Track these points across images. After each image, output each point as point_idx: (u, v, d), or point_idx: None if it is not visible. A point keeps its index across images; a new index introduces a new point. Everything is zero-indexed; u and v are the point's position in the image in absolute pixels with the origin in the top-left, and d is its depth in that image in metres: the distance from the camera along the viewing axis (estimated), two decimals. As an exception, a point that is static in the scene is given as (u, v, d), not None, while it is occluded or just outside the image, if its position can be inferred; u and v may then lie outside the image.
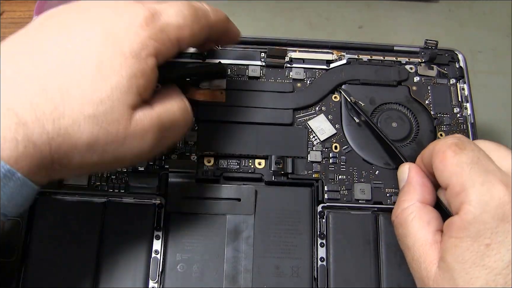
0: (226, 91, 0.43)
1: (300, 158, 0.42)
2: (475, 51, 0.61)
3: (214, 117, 0.42)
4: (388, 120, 0.44)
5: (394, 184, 0.42)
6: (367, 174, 0.42)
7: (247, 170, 0.42)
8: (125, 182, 0.41)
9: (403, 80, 0.45)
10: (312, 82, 0.45)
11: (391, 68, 0.46)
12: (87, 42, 0.30)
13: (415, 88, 0.45)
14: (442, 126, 0.44)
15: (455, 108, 0.45)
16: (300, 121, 0.44)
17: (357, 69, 0.45)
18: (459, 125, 0.44)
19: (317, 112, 0.44)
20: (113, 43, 0.31)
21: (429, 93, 0.45)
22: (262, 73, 0.45)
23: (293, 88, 0.44)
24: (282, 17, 0.62)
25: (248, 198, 0.40)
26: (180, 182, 0.40)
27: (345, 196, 0.41)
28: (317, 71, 0.45)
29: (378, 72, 0.45)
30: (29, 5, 0.61)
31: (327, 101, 0.44)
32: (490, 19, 0.64)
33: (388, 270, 0.39)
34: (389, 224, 0.40)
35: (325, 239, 0.40)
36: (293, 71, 0.45)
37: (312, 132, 0.43)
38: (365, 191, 0.41)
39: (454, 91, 0.46)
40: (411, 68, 0.46)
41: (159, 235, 0.39)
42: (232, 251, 0.39)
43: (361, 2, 0.64)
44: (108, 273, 0.38)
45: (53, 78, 0.29)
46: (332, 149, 0.43)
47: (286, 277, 0.38)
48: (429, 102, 0.45)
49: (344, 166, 0.42)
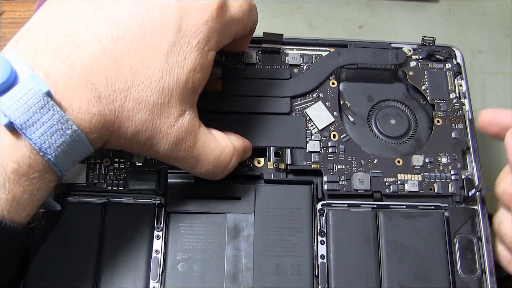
0: (222, 79, 0.43)
1: (299, 148, 0.42)
2: (475, 51, 0.61)
3: (210, 108, 0.41)
4: (387, 117, 0.44)
5: (392, 173, 0.42)
6: (366, 163, 0.42)
7: (247, 169, 0.42)
8: (123, 178, 0.40)
9: (400, 63, 0.45)
10: (309, 67, 0.44)
11: (388, 50, 0.45)
12: (163, 27, 0.30)
13: (411, 73, 0.45)
14: (439, 112, 0.44)
15: (451, 94, 0.45)
16: (297, 109, 0.43)
17: (354, 53, 0.45)
18: (455, 111, 0.44)
19: (315, 99, 0.44)
20: (185, 32, 0.31)
21: (425, 78, 0.45)
22: (258, 59, 0.44)
23: (290, 74, 0.44)
24: (282, 17, 0.62)
25: (248, 196, 0.40)
26: (180, 181, 0.40)
27: (344, 187, 0.41)
28: (314, 56, 0.45)
29: (375, 55, 0.45)
30: (29, 5, 0.61)
31: (324, 88, 0.44)
32: (490, 19, 0.64)
33: (389, 267, 0.39)
34: (389, 221, 0.40)
35: (325, 237, 0.40)
36: (289, 56, 0.45)
37: (310, 121, 0.43)
38: (364, 181, 0.41)
39: (450, 77, 0.45)
40: (409, 51, 0.46)
41: (159, 235, 0.39)
42: (232, 250, 0.39)
43: (361, 2, 0.64)
44: (108, 273, 0.38)
45: (127, 56, 0.29)
46: (330, 138, 0.42)
47: (287, 275, 0.38)
48: (426, 88, 0.45)
49: (343, 156, 0.42)
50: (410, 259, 0.39)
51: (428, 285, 0.38)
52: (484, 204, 0.41)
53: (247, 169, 0.42)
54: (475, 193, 0.41)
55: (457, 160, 0.42)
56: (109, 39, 0.29)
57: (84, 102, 0.28)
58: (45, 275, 0.37)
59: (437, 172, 0.42)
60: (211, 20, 0.31)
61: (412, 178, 0.42)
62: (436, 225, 0.40)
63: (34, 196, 0.28)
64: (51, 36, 0.29)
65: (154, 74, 0.30)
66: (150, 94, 0.30)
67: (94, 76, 0.29)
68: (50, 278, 0.37)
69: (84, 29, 0.29)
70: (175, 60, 0.30)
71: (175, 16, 0.31)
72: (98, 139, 0.30)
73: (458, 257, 0.39)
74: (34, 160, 0.27)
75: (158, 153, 0.33)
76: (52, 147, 0.27)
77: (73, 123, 0.28)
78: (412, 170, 0.42)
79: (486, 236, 0.40)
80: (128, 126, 0.30)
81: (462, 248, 0.40)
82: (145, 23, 0.30)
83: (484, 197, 0.41)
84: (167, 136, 0.32)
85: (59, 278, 0.37)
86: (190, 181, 0.40)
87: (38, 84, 0.27)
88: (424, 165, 0.42)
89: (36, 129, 0.27)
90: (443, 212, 0.41)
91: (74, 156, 0.29)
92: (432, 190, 0.41)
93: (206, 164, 0.35)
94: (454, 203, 0.41)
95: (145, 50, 0.30)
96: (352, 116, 0.44)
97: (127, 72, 0.29)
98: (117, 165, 0.41)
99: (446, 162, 0.42)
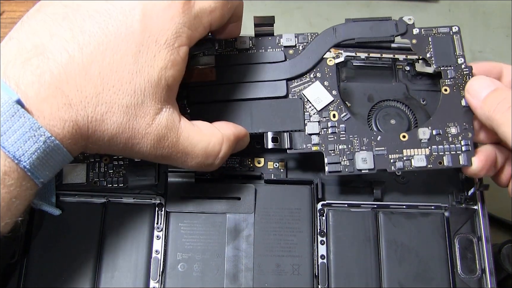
0: (216, 68, 0.41)
1: (297, 131, 0.40)
2: (475, 51, 0.61)
3: (206, 98, 0.40)
4: (387, 117, 0.43)
5: (398, 149, 0.39)
6: (369, 141, 0.39)
7: (247, 169, 0.42)
8: (123, 175, 0.40)
9: (401, 33, 0.42)
10: (305, 47, 0.42)
11: (387, 22, 0.42)
12: (128, 29, 0.31)
13: (414, 41, 0.42)
14: (446, 80, 0.41)
15: (459, 59, 0.41)
16: (294, 91, 0.41)
17: (351, 28, 0.42)
18: (464, 77, 0.41)
19: (312, 79, 0.41)
20: (151, 31, 0.31)
21: (430, 46, 0.42)
22: (251, 43, 0.42)
23: (285, 57, 0.42)
24: (282, 17, 0.62)
25: (248, 196, 0.40)
26: (180, 181, 0.40)
27: (347, 167, 0.39)
28: (309, 35, 0.42)
29: (373, 28, 0.42)
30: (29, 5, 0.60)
31: (321, 66, 0.41)
32: (490, 19, 0.64)
33: (389, 267, 0.39)
34: (389, 221, 0.40)
35: (325, 237, 0.40)
36: (283, 38, 0.42)
37: (308, 102, 0.41)
38: (367, 160, 0.39)
39: (457, 41, 0.42)
40: (410, 20, 0.42)
41: (159, 235, 0.39)
42: (232, 250, 0.39)
43: (361, 2, 0.64)
44: (108, 273, 0.38)
45: (95, 62, 0.30)
46: (330, 118, 0.40)
47: (287, 275, 0.38)
48: (431, 55, 0.42)
49: (344, 135, 0.40)
50: (410, 259, 0.39)
51: (428, 285, 0.38)
52: (484, 204, 0.41)
53: (247, 169, 0.42)
54: (474, 192, 0.41)
55: (467, 129, 0.40)
56: (75, 48, 0.30)
57: (55, 109, 0.29)
58: (45, 275, 0.37)
59: (446, 144, 0.39)
60: (177, 16, 0.32)
61: (419, 153, 0.39)
62: (436, 225, 0.40)
63: (12, 204, 0.28)
64: (21, 49, 0.29)
65: (124, 76, 0.30)
66: (122, 97, 0.30)
67: (64, 84, 0.29)
68: (50, 278, 0.37)
69: (51, 39, 0.30)
70: (144, 60, 0.31)
71: (139, 17, 0.31)
72: (74, 145, 0.30)
73: (458, 257, 0.40)
74: (9, 168, 0.28)
75: (143, 153, 0.33)
76: (26, 154, 0.28)
77: (46, 130, 0.28)
78: (418, 144, 0.39)
79: (486, 236, 0.40)
80: (104, 130, 0.31)
81: (462, 248, 0.40)
82: (110, 27, 0.30)
83: (484, 197, 0.41)
84: (147, 135, 0.32)
85: (59, 278, 0.37)
86: (191, 181, 0.40)
87: (8, 93, 0.27)
88: (431, 138, 0.39)
89: (9, 137, 0.27)
90: (443, 212, 0.41)
91: (51, 163, 0.29)
92: (442, 163, 0.39)
93: (195, 157, 0.35)
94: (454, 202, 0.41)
95: (112, 54, 0.30)
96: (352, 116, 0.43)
97: (96, 77, 0.30)
98: (116, 162, 0.40)
99: (456, 133, 0.39)
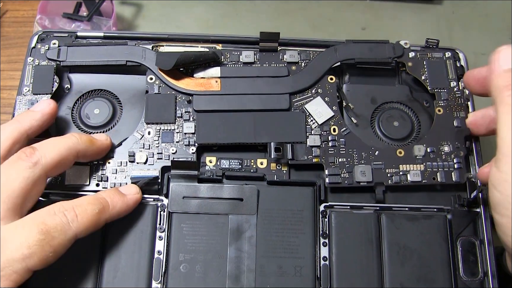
0: (221, 79, 0.43)
1: (299, 143, 0.42)
2: (478, 53, 0.61)
3: (210, 107, 0.43)
4: (390, 119, 0.44)
5: (394, 164, 0.42)
6: (367, 156, 0.42)
7: (249, 170, 0.42)
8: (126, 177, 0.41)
9: (398, 56, 0.45)
10: (307, 64, 0.45)
11: (385, 45, 0.45)
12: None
13: (410, 64, 0.45)
14: (440, 101, 0.44)
15: (452, 82, 0.45)
16: (297, 105, 0.44)
17: (351, 48, 0.45)
18: (456, 99, 0.44)
19: (314, 95, 0.44)
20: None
21: (425, 68, 0.45)
22: (256, 58, 0.45)
23: (288, 72, 0.44)
24: (285, 17, 0.62)
25: (251, 198, 0.40)
26: (182, 182, 0.40)
27: (346, 179, 0.41)
28: (311, 52, 0.45)
29: (373, 50, 0.45)
30: (32, 4, 0.61)
31: (323, 83, 0.44)
32: (493, 21, 0.64)
33: (391, 269, 0.39)
34: (392, 223, 0.40)
35: (328, 239, 0.40)
36: (287, 54, 0.45)
37: (310, 116, 0.43)
38: (365, 173, 0.41)
39: (450, 65, 0.45)
40: (406, 44, 0.46)
41: (161, 236, 0.39)
42: (235, 251, 0.39)
43: (364, 3, 0.64)
44: (110, 273, 0.38)
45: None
46: (331, 132, 0.43)
47: (289, 276, 0.38)
48: (426, 78, 0.45)
49: (344, 149, 0.42)
50: (413, 261, 0.39)
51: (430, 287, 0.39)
52: (486, 207, 0.41)
53: (250, 171, 0.42)
54: (476, 194, 0.41)
55: (459, 148, 0.42)
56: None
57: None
58: (47, 276, 0.37)
59: (440, 161, 0.42)
60: None
61: (414, 168, 0.42)
62: (438, 227, 0.40)
63: None
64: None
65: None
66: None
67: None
68: (52, 278, 0.37)
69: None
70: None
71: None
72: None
73: (461, 260, 0.40)
74: None
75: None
76: None
77: None
78: (414, 160, 0.42)
79: (488, 239, 0.40)
80: None
81: (464, 250, 0.40)
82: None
83: (487, 200, 0.41)
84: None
85: (62, 279, 0.37)
86: (193, 182, 0.40)
87: None
88: (426, 154, 0.42)
89: None
90: (446, 215, 0.41)
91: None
92: (435, 179, 0.42)
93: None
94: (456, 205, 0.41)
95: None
96: (355, 118, 0.44)
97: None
98: (119, 165, 0.41)
99: (449, 151, 0.42)
